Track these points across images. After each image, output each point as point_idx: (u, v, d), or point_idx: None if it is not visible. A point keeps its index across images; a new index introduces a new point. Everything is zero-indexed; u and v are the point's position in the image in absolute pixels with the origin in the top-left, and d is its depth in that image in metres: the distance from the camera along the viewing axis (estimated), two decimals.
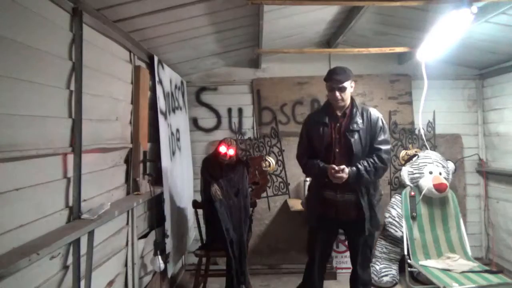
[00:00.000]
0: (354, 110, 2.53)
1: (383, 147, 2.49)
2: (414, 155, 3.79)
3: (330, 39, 4.04)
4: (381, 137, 2.51)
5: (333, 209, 2.55)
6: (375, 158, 2.47)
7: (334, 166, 2.40)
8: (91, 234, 1.94)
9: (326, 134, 2.53)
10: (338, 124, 2.53)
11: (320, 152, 2.56)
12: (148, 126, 2.95)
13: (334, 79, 2.46)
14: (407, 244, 3.40)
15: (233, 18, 2.87)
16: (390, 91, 4.23)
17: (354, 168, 2.42)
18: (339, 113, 2.56)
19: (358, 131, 2.47)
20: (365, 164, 2.44)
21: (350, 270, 2.81)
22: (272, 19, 2.97)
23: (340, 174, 2.39)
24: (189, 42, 3.15)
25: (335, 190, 2.51)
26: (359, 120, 2.49)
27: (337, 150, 2.50)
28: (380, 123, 2.52)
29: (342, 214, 2.54)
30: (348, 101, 2.54)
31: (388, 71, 4.25)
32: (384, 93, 4.22)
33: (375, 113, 2.55)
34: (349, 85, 2.49)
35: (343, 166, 2.40)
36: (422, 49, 3.05)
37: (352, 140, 2.46)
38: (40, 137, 1.65)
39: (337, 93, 2.46)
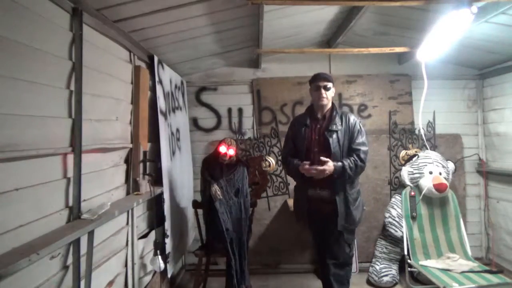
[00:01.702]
0: (334, 113, 2.74)
1: (362, 148, 2.68)
2: (414, 155, 3.79)
3: (330, 39, 4.04)
4: (359, 140, 2.70)
5: (314, 204, 2.74)
6: (355, 157, 2.64)
7: (305, 162, 2.62)
8: (91, 234, 1.94)
9: (307, 134, 2.75)
10: (318, 126, 2.74)
11: (301, 153, 2.75)
12: (148, 126, 2.95)
13: (321, 77, 2.71)
14: (407, 244, 3.40)
15: (233, 18, 2.87)
16: (390, 91, 4.23)
17: (339, 163, 2.60)
18: (319, 116, 2.76)
19: (336, 131, 2.67)
20: (348, 161, 2.62)
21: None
22: (272, 19, 2.97)
23: (322, 167, 2.55)
24: (189, 42, 3.15)
25: (314, 187, 2.71)
26: (338, 122, 2.70)
27: (316, 149, 2.69)
28: (357, 127, 2.72)
29: (320, 209, 2.72)
30: (330, 103, 2.76)
31: (388, 71, 4.25)
32: (384, 93, 4.22)
33: (353, 117, 2.76)
34: (332, 86, 2.73)
35: (327, 159, 2.57)
36: (422, 49, 3.05)
37: (330, 139, 2.65)
38: (40, 137, 1.66)
39: (323, 92, 2.68)
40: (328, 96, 2.71)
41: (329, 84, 2.70)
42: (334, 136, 2.66)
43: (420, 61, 3.23)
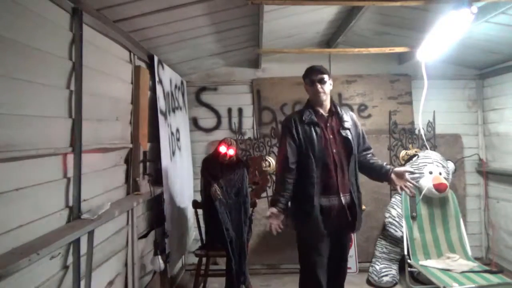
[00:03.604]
0: (339, 109, 2.48)
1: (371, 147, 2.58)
2: (414, 155, 3.79)
3: (330, 39, 4.04)
4: (366, 138, 2.57)
5: (335, 215, 2.35)
6: (373, 156, 2.52)
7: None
8: (91, 234, 1.94)
9: (320, 134, 2.37)
10: (328, 124, 2.41)
11: (318, 156, 2.33)
12: (148, 126, 2.95)
13: (314, 70, 2.42)
14: (407, 244, 3.40)
15: (233, 18, 2.87)
16: (390, 91, 4.23)
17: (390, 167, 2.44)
18: (324, 113, 2.44)
19: (349, 129, 2.43)
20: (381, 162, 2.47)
21: (349, 271, 2.77)
22: (272, 19, 2.97)
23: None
24: (189, 42, 3.15)
25: (336, 194, 2.33)
26: (347, 118, 2.46)
27: (334, 151, 2.35)
28: (359, 124, 2.57)
29: (339, 218, 2.35)
30: (329, 98, 2.47)
31: (388, 71, 4.25)
32: (384, 93, 4.22)
33: (354, 114, 2.60)
34: (328, 79, 2.43)
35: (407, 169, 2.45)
36: (422, 49, 3.04)
37: (350, 137, 2.39)
38: (40, 137, 1.65)
39: (318, 85, 2.39)
40: (326, 90, 2.41)
41: (325, 77, 2.40)
42: (349, 135, 2.40)
43: (420, 61, 3.22)
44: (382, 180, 2.52)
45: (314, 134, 2.36)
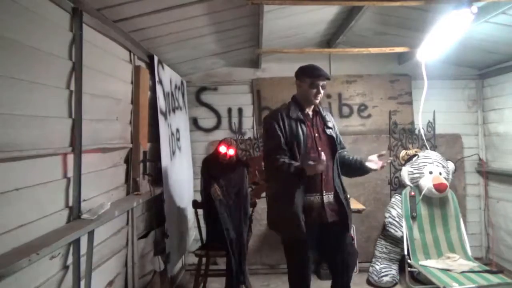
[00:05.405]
0: (321, 108, 2.53)
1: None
2: (414, 155, 3.79)
3: (330, 39, 4.04)
4: (342, 138, 2.62)
5: (316, 213, 2.33)
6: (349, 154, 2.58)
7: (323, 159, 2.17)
8: (91, 234, 1.94)
9: (306, 132, 2.37)
10: (313, 123, 2.45)
11: (299, 154, 2.32)
12: (148, 126, 2.95)
13: (322, 75, 2.39)
14: (407, 244, 3.40)
15: (233, 18, 2.87)
16: (390, 91, 4.23)
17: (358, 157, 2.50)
18: (310, 112, 2.47)
19: (332, 128, 2.49)
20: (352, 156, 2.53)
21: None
22: (272, 19, 2.97)
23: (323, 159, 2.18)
24: (189, 42, 3.15)
25: (319, 192, 2.34)
26: (329, 118, 2.52)
27: (320, 149, 2.35)
28: (335, 123, 2.61)
29: (326, 216, 2.34)
30: None
31: (388, 71, 4.25)
32: (384, 93, 4.22)
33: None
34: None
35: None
36: (422, 49, 3.04)
37: (334, 137, 2.45)
38: (40, 137, 1.66)
39: (321, 91, 2.40)
40: (323, 94, 2.44)
41: (326, 82, 2.44)
42: (333, 133, 2.46)
43: (420, 61, 3.22)
44: (362, 171, 2.48)
45: (300, 131, 2.35)
